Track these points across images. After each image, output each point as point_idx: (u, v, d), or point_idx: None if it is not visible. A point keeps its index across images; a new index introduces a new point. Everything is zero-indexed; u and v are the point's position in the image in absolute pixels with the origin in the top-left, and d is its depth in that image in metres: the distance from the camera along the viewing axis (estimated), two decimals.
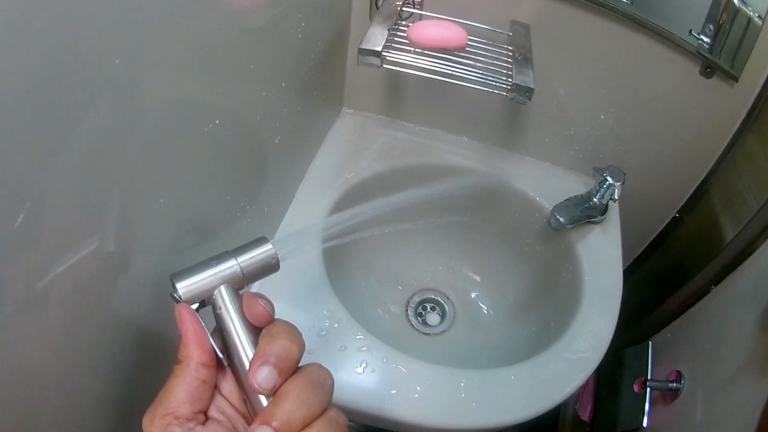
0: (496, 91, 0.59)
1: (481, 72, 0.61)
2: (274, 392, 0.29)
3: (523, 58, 0.62)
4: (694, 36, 0.69)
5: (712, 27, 0.68)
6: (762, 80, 0.70)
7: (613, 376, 1.01)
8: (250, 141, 0.53)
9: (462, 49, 0.64)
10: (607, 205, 0.84)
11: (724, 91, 0.71)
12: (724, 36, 0.68)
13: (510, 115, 0.80)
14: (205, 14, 0.38)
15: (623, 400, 0.94)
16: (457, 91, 0.70)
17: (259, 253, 0.36)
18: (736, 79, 0.70)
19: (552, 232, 0.80)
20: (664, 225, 1.00)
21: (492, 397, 0.58)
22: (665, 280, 1.05)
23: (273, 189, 0.62)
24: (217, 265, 0.35)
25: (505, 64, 0.62)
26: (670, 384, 0.91)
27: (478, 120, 0.80)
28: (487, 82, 0.60)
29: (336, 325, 0.59)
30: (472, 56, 0.63)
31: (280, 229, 0.66)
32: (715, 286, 0.87)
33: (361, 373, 0.56)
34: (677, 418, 0.84)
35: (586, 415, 1.03)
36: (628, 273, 1.13)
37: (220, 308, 0.34)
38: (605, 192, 0.79)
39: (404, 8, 0.68)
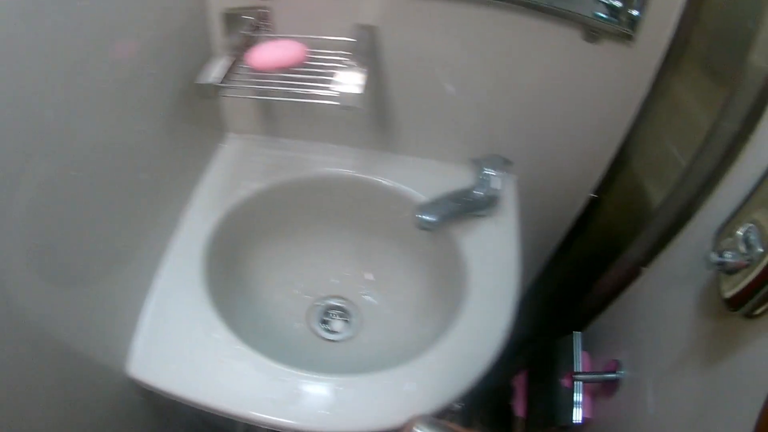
0: (327, 102, 0.62)
1: (314, 85, 0.63)
2: None
3: (358, 63, 0.64)
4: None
5: None
6: (670, 28, 0.64)
7: (542, 371, 0.96)
8: (117, 178, 0.55)
9: (303, 64, 0.67)
10: (495, 197, 0.81)
11: (621, 52, 0.66)
12: None
13: (386, 118, 0.80)
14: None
15: (556, 396, 0.89)
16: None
17: None
18: (630, 37, 0.65)
19: (445, 230, 0.78)
20: (579, 208, 0.95)
21: (363, 402, 0.60)
22: (592, 264, 0.99)
23: (150, 220, 0.65)
24: None
25: (339, 72, 0.64)
26: (605, 375, 0.84)
27: (355, 127, 0.81)
28: (319, 94, 0.62)
29: (216, 337, 0.61)
30: (313, 70, 0.65)
31: (166, 257, 0.69)
32: (645, 266, 0.82)
33: (238, 381, 0.59)
34: (624, 411, 0.78)
35: (520, 411, 0.98)
36: (554, 262, 1.11)
37: None
38: (485, 183, 0.78)
39: (253, 34, 0.71)
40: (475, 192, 0.79)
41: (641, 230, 0.80)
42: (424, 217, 0.73)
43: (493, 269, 0.74)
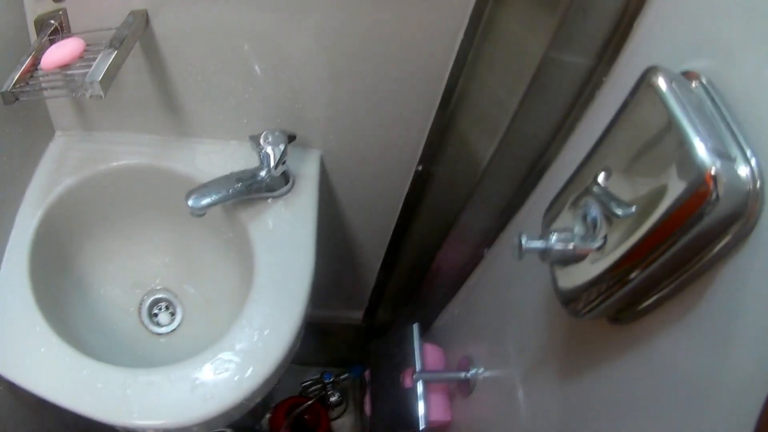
0: (81, 93, 0.63)
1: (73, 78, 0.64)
2: None
3: (117, 50, 0.61)
4: None
5: None
6: None
7: (385, 367, 0.92)
8: None
9: (83, 59, 0.68)
10: (288, 177, 0.75)
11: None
12: None
13: (179, 102, 0.77)
14: None
15: (398, 396, 0.84)
16: (119, 91, 0.73)
17: None
18: None
19: (234, 215, 0.74)
20: (408, 183, 0.89)
21: (156, 395, 0.61)
22: (431, 247, 0.92)
23: None
24: None
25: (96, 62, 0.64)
26: (449, 374, 0.80)
27: (154, 113, 0.78)
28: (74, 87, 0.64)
29: (37, 330, 0.64)
30: (87, 63, 0.67)
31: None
32: (487, 248, 0.77)
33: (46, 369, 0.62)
34: (485, 413, 0.72)
35: (368, 408, 0.96)
36: (397, 245, 1.05)
37: None
38: (266, 162, 0.69)
39: (54, 36, 0.72)
40: (260, 172, 0.72)
41: (468, 200, 0.74)
42: (190, 202, 0.68)
43: (284, 257, 0.72)
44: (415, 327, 0.86)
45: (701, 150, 0.30)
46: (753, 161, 0.30)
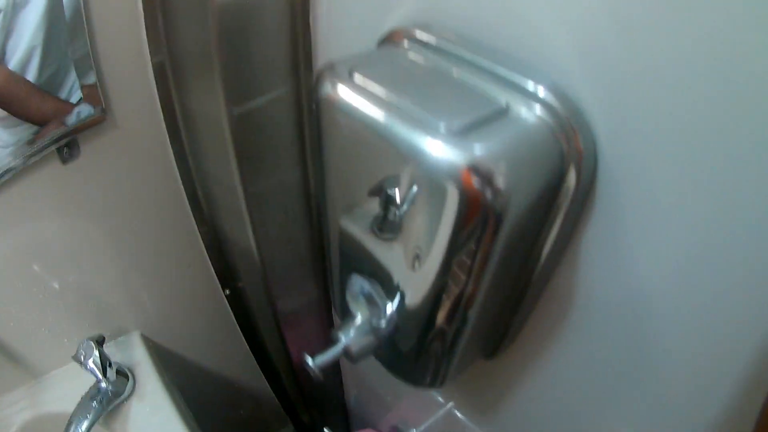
0: None
1: None
2: None
3: None
4: None
5: None
6: None
7: None
8: None
9: None
10: (125, 374, 0.75)
11: None
12: None
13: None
14: None
15: None
16: None
17: None
18: None
19: None
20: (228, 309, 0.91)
21: None
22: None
23: None
24: None
25: None
26: None
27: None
28: None
29: None
30: None
31: None
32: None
33: None
34: None
35: None
36: (261, 356, 1.03)
37: None
38: (96, 373, 0.68)
39: None
40: (101, 385, 0.70)
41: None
42: None
43: None
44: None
45: (438, 149, 0.21)
46: (543, 93, 0.23)
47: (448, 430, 0.60)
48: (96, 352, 0.68)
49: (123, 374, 0.75)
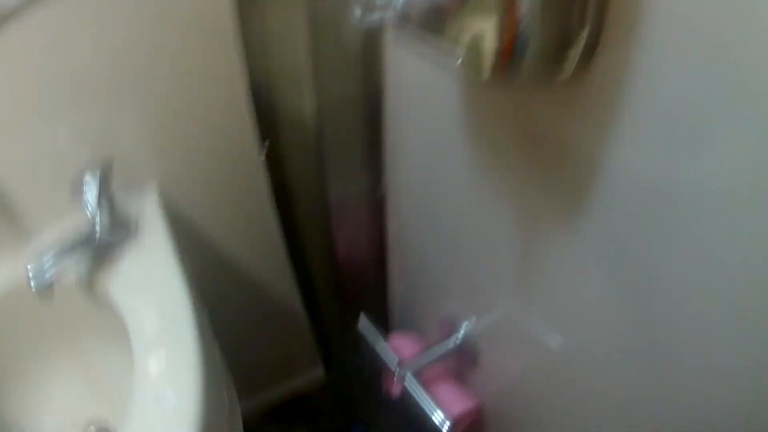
0: None
1: None
2: None
3: None
4: None
5: None
6: None
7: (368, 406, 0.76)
8: None
9: None
10: (123, 220, 0.63)
11: None
12: None
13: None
14: None
15: (399, 415, 0.63)
16: None
17: None
18: None
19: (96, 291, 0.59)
20: (262, 179, 0.80)
21: None
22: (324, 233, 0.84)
23: None
24: None
25: None
26: (448, 343, 0.57)
27: None
28: None
29: None
30: None
31: None
32: (379, 186, 0.72)
33: None
34: (515, 365, 0.51)
35: None
36: (299, 262, 0.92)
37: None
38: (90, 208, 0.59)
39: None
40: (96, 226, 0.60)
41: (322, 163, 0.71)
42: (32, 283, 0.54)
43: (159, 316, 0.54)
44: (362, 318, 0.66)
45: None
46: None
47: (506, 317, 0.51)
48: (105, 183, 0.61)
49: (123, 221, 0.65)
